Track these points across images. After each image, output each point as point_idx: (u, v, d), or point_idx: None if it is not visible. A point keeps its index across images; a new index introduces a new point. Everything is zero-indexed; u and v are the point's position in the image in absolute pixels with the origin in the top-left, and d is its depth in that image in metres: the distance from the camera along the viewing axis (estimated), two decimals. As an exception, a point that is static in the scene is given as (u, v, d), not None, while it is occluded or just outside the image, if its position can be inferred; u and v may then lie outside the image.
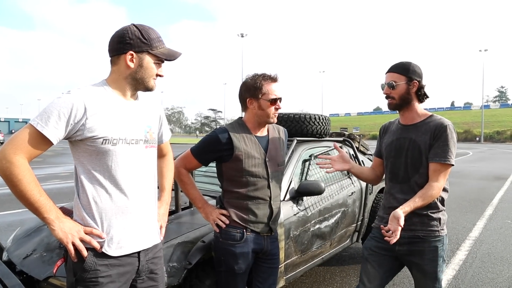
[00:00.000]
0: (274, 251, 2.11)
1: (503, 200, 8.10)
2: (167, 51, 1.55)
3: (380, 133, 2.26)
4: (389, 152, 2.07)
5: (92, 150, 1.44)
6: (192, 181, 2.13)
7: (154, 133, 1.63)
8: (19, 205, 7.38)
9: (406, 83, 1.96)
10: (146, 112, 1.62)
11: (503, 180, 11.52)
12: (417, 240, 1.96)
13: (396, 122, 2.15)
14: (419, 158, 1.95)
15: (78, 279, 1.44)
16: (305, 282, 3.59)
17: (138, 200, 1.54)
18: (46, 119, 1.34)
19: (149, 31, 1.51)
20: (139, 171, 1.54)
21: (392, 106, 2.02)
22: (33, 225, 2.69)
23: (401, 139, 2.03)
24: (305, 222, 2.88)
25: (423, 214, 1.94)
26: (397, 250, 1.99)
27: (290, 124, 3.44)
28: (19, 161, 1.32)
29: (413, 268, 2.04)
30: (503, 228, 5.71)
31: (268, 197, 2.03)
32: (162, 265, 1.70)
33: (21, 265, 2.18)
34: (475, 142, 54.67)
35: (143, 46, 1.48)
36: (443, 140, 1.90)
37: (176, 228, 2.30)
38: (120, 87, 1.52)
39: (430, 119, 2.00)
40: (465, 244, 4.85)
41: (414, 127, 2.00)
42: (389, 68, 2.02)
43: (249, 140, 2.01)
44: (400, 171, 2.01)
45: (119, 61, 1.50)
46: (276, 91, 1.98)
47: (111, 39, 1.51)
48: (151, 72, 1.53)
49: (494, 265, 4.10)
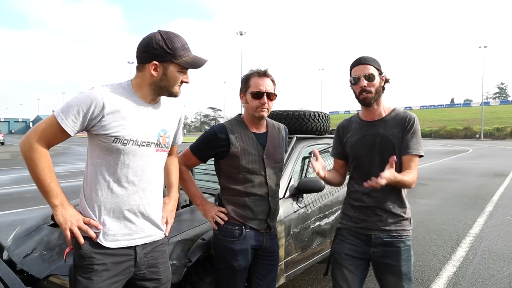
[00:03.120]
0: (273, 248, 2.11)
1: (503, 196, 8.10)
2: (191, 60, 1.55)
3: (339, 133, 2.11)
4: (358, 151, 1.97)
5: (103, 146, 1.50)
6: (192, 179, 2.14)
7: (168, 137, 1.66)
8: (19, 204, 7.42)
9: (379, 76, 1.92)
10: (165, 116, 1.65)
11: (503, 176, 11.52)
12: (392, 240, 1.91)
13: (355, 120, 2.05)
14: (393, 153, 1.87)
15: (76, 265, 1.53)
16: (305, 279, 3.59)
17: (138, 200, 1.57)
18: (66, 112, 1.44)
19: (174, 39, 1.52)
20: (145, 173, 1.57)
21: (368, 100, 1.90)
22: (33, 224, 2.70)
23: (368, 136, 1.95)
24: (305, 219, 2.88)
25: (397, 214, 1.91)
26: (372, 252, 1.94)
27: (290, 121, 3.44)
28: (38, 147, 1.44)
29: (388, 272, 1.93)
30: (504, 224, 5.71)
31: (265, 194, 2.02)
32: (165, 259, 1.71)
33: (22, 264, 2.19)
34: (475, 139, 54.67)
35: (167, 56, 1.50)
36: (414, 132, 1.88)
37: (176, 226, 2.29)
38: (142, 91, 1.56)
39: (395, 112, 1.95)
40: (466, 241, 4.85)
41: (381, 122, 1.94)
42: (362, 60, 1.92)
43: (246, 136, 2.00)
44: (373, 169, 1.90)
45: (144, 69, 1.54)
46: (262, 85, 1.95)
47: (138, 47, 1.55)
48: (175, 81, 1.55)
49: (495, 261, 4.10)
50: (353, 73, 1.93)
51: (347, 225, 2.03)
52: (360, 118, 2.03)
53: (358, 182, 1.97)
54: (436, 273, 3.76)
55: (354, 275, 1.96)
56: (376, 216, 1.91)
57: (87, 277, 1.49)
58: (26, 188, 8.66)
